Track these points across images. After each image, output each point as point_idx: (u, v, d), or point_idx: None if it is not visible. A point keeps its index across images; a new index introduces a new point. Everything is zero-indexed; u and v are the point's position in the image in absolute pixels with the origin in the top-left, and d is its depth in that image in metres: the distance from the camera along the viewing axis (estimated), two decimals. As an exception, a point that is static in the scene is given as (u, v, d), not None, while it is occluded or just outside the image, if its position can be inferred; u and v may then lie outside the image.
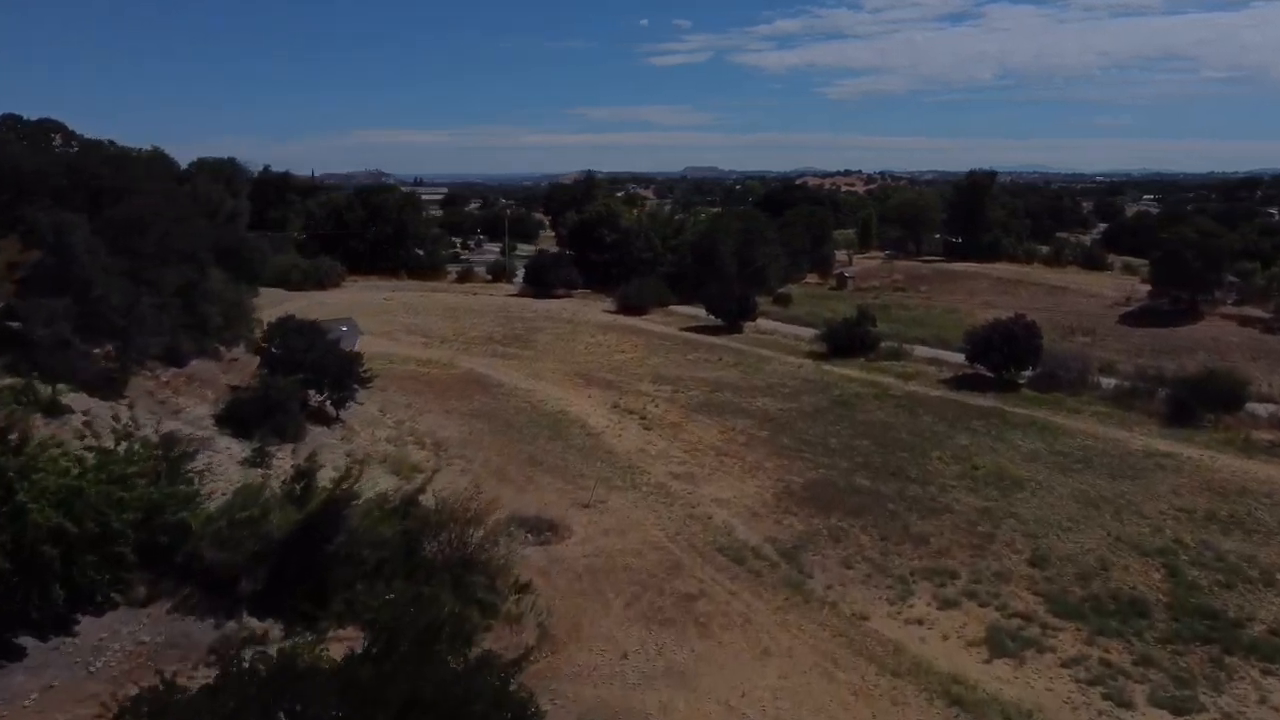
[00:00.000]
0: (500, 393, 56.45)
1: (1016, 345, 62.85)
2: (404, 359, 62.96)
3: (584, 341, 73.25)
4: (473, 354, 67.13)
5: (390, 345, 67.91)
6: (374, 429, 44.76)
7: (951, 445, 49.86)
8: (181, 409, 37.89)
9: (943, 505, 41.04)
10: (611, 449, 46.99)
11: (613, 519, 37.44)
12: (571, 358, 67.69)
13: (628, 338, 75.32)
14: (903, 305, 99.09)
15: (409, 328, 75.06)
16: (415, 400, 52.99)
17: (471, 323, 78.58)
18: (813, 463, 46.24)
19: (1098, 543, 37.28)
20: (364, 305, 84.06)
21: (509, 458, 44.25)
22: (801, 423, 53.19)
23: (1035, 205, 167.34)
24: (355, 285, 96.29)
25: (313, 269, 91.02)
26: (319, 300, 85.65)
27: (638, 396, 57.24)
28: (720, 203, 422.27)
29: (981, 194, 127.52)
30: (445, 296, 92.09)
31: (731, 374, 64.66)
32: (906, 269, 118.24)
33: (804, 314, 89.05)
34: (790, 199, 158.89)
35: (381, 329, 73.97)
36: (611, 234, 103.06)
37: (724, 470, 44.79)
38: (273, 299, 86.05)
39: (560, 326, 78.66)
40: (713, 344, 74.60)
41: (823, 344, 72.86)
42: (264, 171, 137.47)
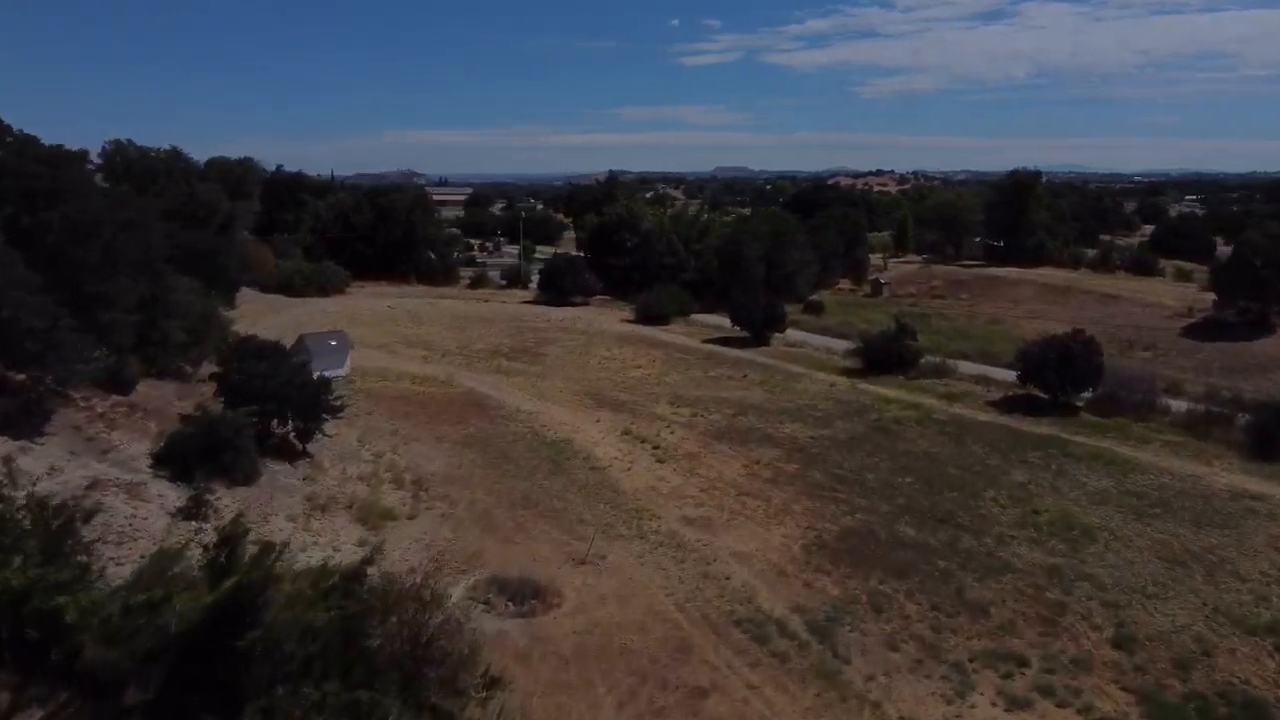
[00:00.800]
0: (500, 416, 50.98)
1: (1075, 365, 56.45)
2: (399, 376, 57.69)
3: (598, 356, 67.64)
4: (475, 370, 61.73)
5: (387, 360, 62.72)
6: (346, 464, 39.37)
7: (1007, 483, 43.72)
8: (114, 447, 32.72)
9: (1002, 562, 34.99)
10: (618, 486, 41.32)
11: (613, 580, 31.77)
12: (582, 375, 62.09)
13: (645, 351, 69.64)
14: (942, 314, 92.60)
15: (410, 339, 69.84)
16: (403, 425, 47.62)
17: (478, 334, 73.24)
18: (848, 505, 40.30)
19: (1192, 615, 31.11)
20: (366, 314, 79.13)
21: (499, 498, 38.71)
22: (835, 454, 47.24)
23: (1076, 206, 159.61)
24: (361, 291, 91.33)
25: (315, 274, 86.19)
26: (320, 308, 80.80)
27: (652, 421, 51.54)
28: (750, 203, 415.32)
29: (1025, 195, 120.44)
30: (454, 304, 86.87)
31: (757, 394, 58.76)
32: (945, 274, 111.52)
33: (836, 324, 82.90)
34: (822, 200, 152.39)
35: (380, 341, 68.86)
36: (632, 238, 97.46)
37: (746, 514, 38.97)
38: (272, 306, 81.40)
39: (573, 338, 73.11)
40: (737, 358, 68.72)
41: (858, 359, 66.79)
42: (276, 171, 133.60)
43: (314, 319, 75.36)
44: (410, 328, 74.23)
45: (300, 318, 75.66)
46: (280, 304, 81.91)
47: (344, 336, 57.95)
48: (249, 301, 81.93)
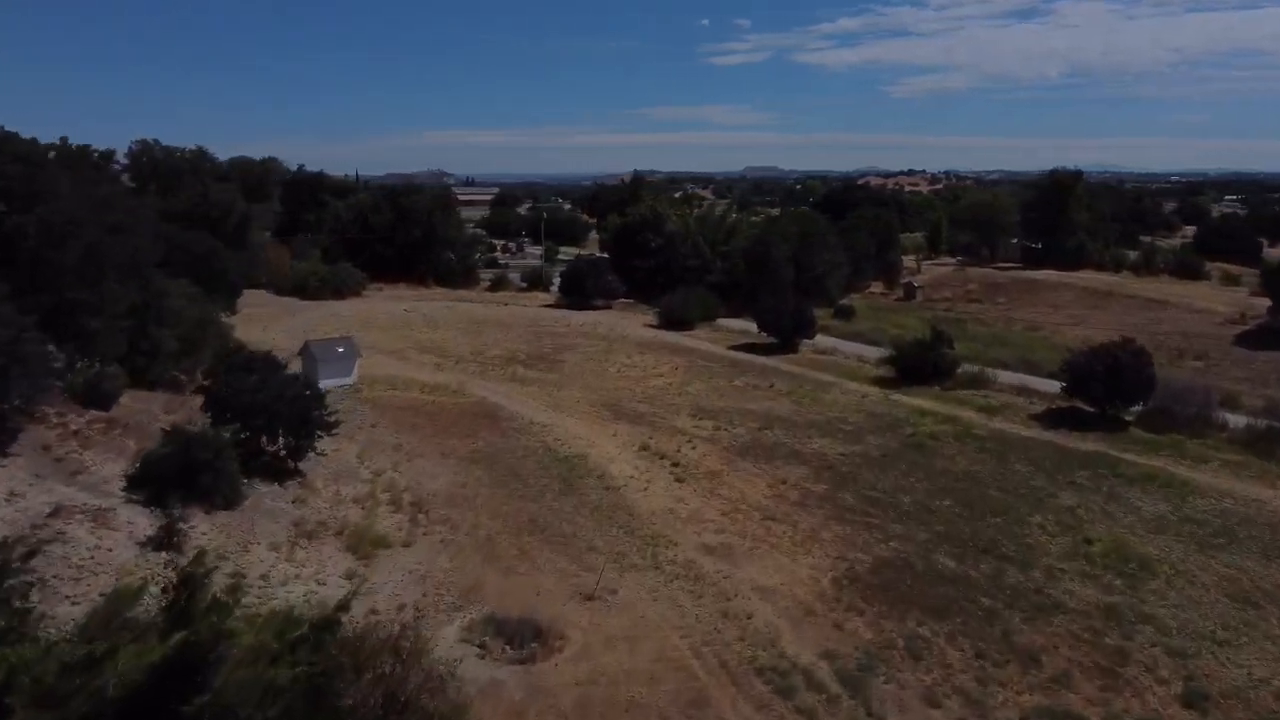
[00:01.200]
0: (512, 429, 48.28)
1: (1124, 376, 52.88)
2: (409, 384, 55.17)
3: (618, 363, 64.81)
4: (489, 378, 59.13)
5: (398, 366, 60.27)
6: (342, 484, 36.80)
7: (1054, 507, 40.41)
8: (85, 468, 30.33)
9: (1053, 600, 31.78)
10: (633, 508, 38.47)
11: (623, 619, 28.93)
12: (601, 383, 59.30)
13: (667, 358, 66.73)
14: (979, 320, 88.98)
15: (423, 345, 67.38)
16: (408, 439, 45.06)
17: (495, 339, 70.65)
18: (882, 532, 37.20)
19: (1270, 668, 27.79)
20: (381, 317, 76.86)
21: (504, 521, 36.00)
22: (867, 473, 44.11)
23: (1114, 207, 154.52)
24: (378, 294, 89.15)
25: (330, 276, 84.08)
26: (334, 311, 78.67)
27: (672, 435, 48.65)
28: (779, 203, 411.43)
29: (1064, 195, 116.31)
30: (472, 308, 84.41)
31: (784, 405, 55.68)
32: (981, 277, 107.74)
33: (868, 330, 79.59)
34: (853, 200, 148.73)
35: (392, 346, 66.47)
36: (656, 239, 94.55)
37: (770, 541, 35.99)
38: (285, 309, 79.36)
39: (593, 344, 70.33)
40: (764, 366, 65.64)
41: (890, 368, 63.51)
42: (298, 171, 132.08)
43: (326, 323, 73.18)
44: (425, 333, 71.80)
45: (313, 321, 73.48)
46: (294, 307, 79.85)
47: (351, 343, 55.53)
48: (262, 304, 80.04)
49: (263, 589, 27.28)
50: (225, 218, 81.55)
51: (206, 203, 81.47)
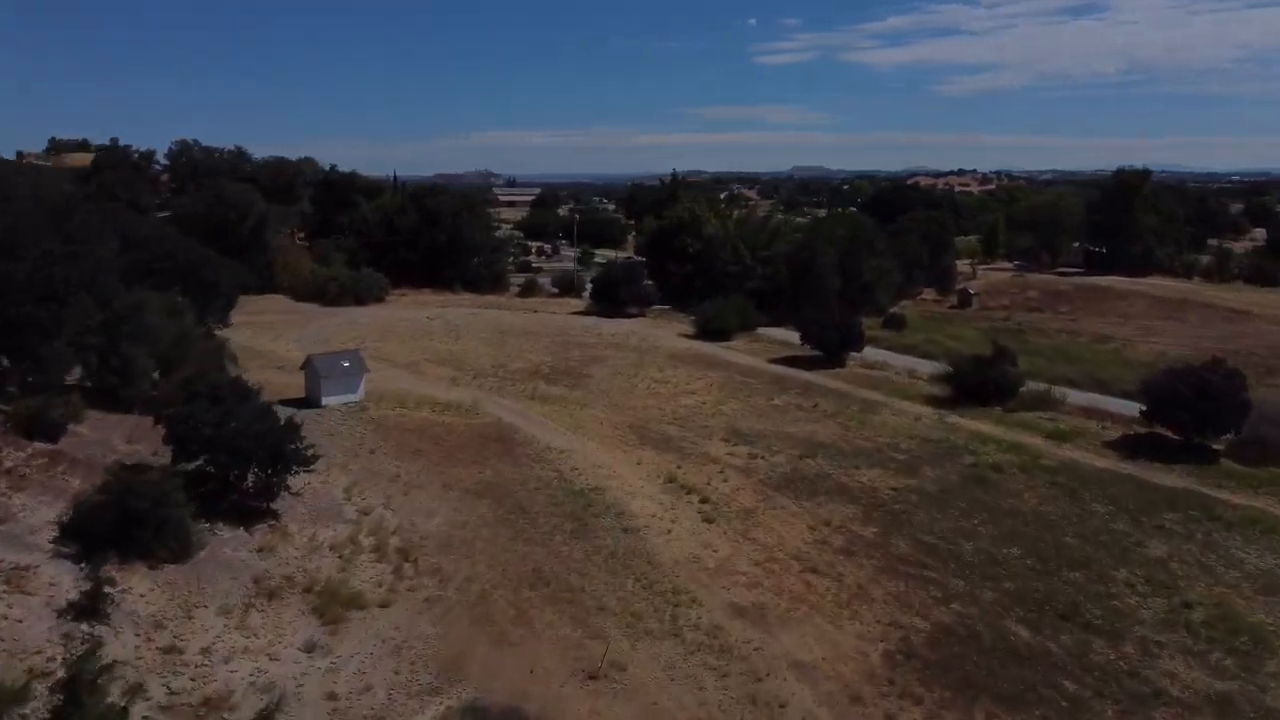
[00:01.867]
0: (526, 455, 43.73)
1: (1215, 401, 46.96)
2: (420, 402, 50.87)
3: (648, 378, 60.01)
4: (508, 394, 54.67)
5: (411, 381, 56.07)
6: (321, 526, 32.45)
7: (1142, 559, 34.93)
8: (11, 515, 26.27)
9: (1151, 686, 26.44)
10: (654, 555, 33.71)
11: (631, 708, 24.20)
12: (628, 402, 54.56)
13: (702, 373, 61.79)
14: (1041, 331, 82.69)
15: (441, 357, 63.14)
16: (409, 467, 40.68)
17: (518, 350, 66.23)
18: (941, 589, 32.03)
19: None
20: (401, 326, 72.85)
21: (504, 572, 31.43)
22: (923, 513, 38.88)
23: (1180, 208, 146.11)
24: (401, 301, 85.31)
25: (351, 282, 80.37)
26: (352, 319, 74.86)
27: (702, 464, 43.78)
28: (827, 203, 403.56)
29: (1131, 196, 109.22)
30: (499, 315, 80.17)
31: (829, 428, 50.52)
32: (1042, 284, 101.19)
33: (921, 342, 73.91)
34: (903, 201, 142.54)
35: (408, 358, 62.35)
36: (694, 243, 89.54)
37: (811, 600, 31.01)
38: (302, 316, 75.70)
39: (623, 356, 65.60)
40: (807, 382, 60.43)
41: (947, 386, 58.02)
42: (330, 171, 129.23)
43: (342, 332, 69.39)
44: (445, 343, 67.59)
45: (328, 330, 69.72)
46: (311, 314, 76.24)
47: (358, 357, 51.35)
48: (278, 311, 76.53)
49: (201, 667, 23.00)
50: (241, 220, 78.23)
51: (222, 204, 78.22)
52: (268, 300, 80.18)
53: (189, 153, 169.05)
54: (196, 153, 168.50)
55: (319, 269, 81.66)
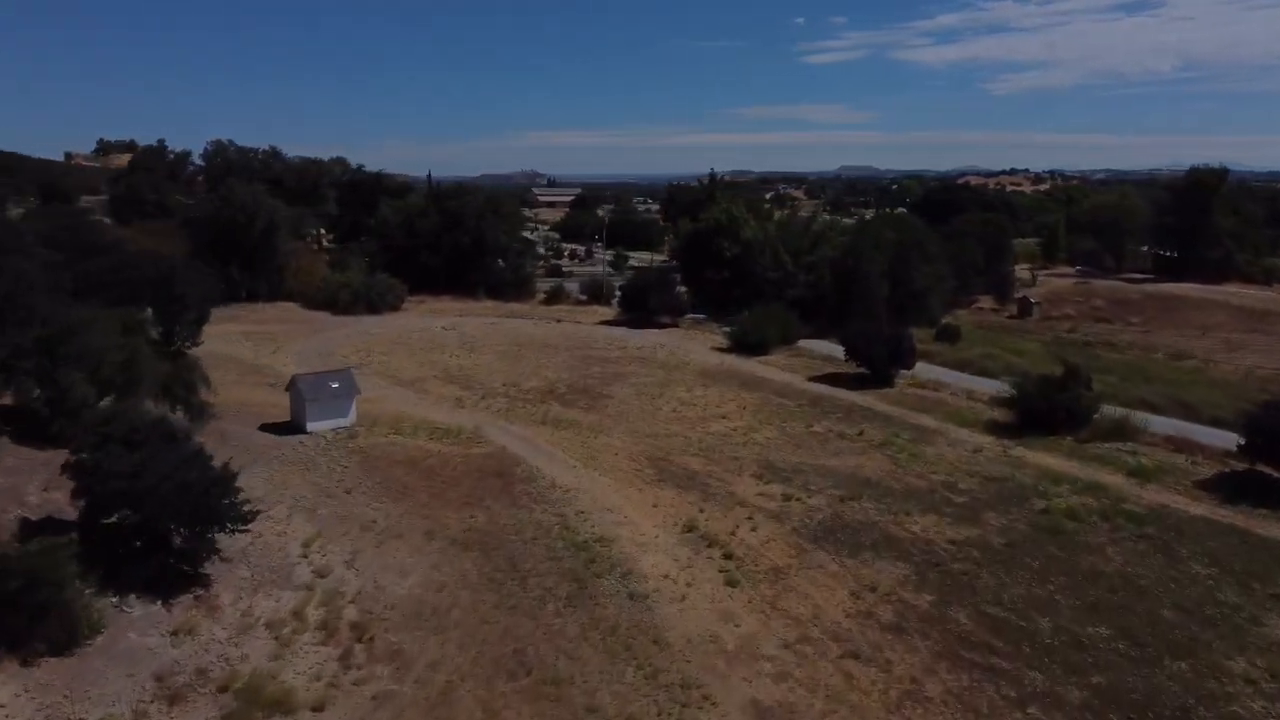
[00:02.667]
0: (526, 494, 38.32)
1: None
2: (418, 427, 45.75)
3: (674, 399, 54.33)
4: (517, 418, 49.32)
5: (412, 402, 51.04)
6: (262, 595, 27.21)
7: (1260, 641, 28.64)
8: None
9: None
10: (662, 632, 28.03)
11: None
12: (650, 427, 48.93)
13: (735, 393, 55.98)
14: (1110, 344, 75.64)
15: (450, 373, 58.01)
16: (391, 509, 35.47)
17: (535, 366, 60.93)
18: (1015, 685, 25.95)
19: None
20: (413, 338, 67.95)
21: (480, 656, 25.94)
22: (988, 574, 32.75)
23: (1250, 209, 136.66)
24: (418, 309, 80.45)
25: (364, 289, 75.59)
26: (363, 329, 70.10)
27: (729, 507, 38.01)
28: (874, 204, 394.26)
29: (1207, 196, 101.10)
30: (519, 325, 74.93)
31: (876, 462, 44.44)
32: (1109, 292, 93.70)
33: (978, 357, 67.27)
34: (956, 202, 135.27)
35: (414, 374, 57.32)
36: (731, 247, 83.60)
37: (852, 700, 25.11)
38: (309, 326, 71.09)
39: (649, 373, 59.98)
40: (851, 405, 54.34)
41: (1009, 410, 51.65)
42: (357, 171, 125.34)
43: (348, 344, 64.64)
44: (457, 357, 62.47)
45: (333, 342, 65.01)
46: (320, 324, 71.64)
47: (349, 377, 46.31)
48: (284, 320, 72.04)
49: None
50: (250, 223, 73.90)
51: (229, 207, 73.94)
52: (276, 308, 75.81)
53: (224, 153, 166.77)
54: (231, 153, 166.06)
55: (331, 275, 77.10)
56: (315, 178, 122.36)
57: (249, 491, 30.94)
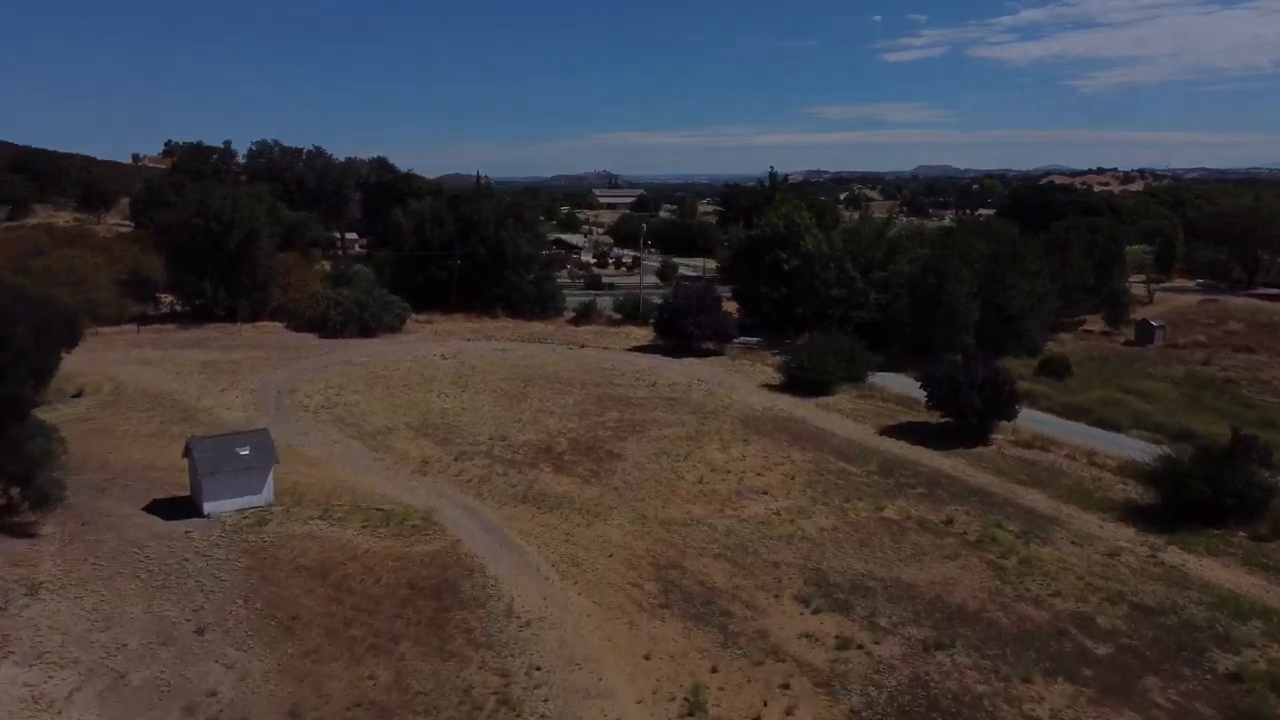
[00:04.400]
0: (465, 635, 26.71)
1: None
2: (354, 508, 34.53)
3: (704, 461, 42.24)
4: (491, 492, 37.78)
5: (364, 465, 39.94)
6: None
7: None
8: None
9: None
10: None
11: None
12: (665, 507, 36.93)
13: (784, 452, 43.68)
14: (1262, 382, 61.04)
15: (429, 421, 46.76)
16: (255, 664, 24.18)
17: (538, 409, 49.39)
18: None
19: None
20: (403, 369, 56.98)
21: None
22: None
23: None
24: (422, 330, 69.52)
25: (356, 309, 64.88)
26: (347, 357, 59.33)
27: (755, 661, 25.85)
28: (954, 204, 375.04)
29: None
30: (534, 353, 63.41)
31: (973, 574, 31.80)
32: (1245, 313, 78.38)
33: (1096, 404, 53.69)
34: (1050, 204, 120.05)
35: (384, 421, 46.22)
36: (790, 259, 71.03)
37: None
38: (285, 352, 60.49)
39: (677, 421, 47.97)
40: (936, 473, 41.66)
41: (1148, 488, 38.46)
42: (383, 170, 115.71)
43: (319, 379, 53.92)
44: (445, 397, 51.24)
45: (304, 375, 54.36)
46: (300, 350, 61.12)
47: (264, 442, 35.22)
48: (260, 345, 61.61)
49: None
50: (225, 233, 63.83)
51: (203, 215, 63.93)
52: (256, 330, 65.62)
53: (269, 152, 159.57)
54: (276, 153, 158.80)
55: (320, 292, 66.55)
56: (337, 178, 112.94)
57: (39, 639, 20.11)
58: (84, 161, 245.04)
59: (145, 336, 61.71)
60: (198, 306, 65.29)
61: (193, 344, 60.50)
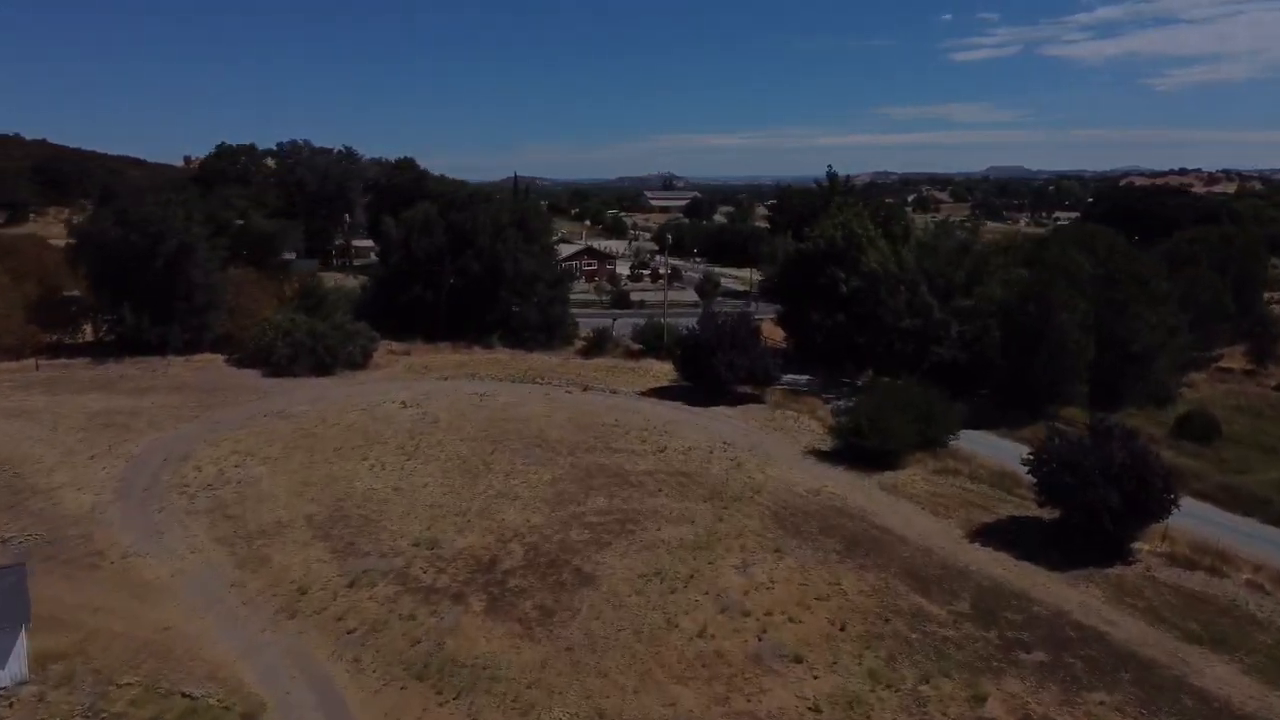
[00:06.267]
0: None
1: None
2: (151, 686, 22.48)
3: (713, 588, 28.90)
4: (373, 659, 24.94)
5: (211, 597, 27.53)
6: None
7: None
8: None
9: None
10: None
11: None
12: (641, 686, 23.74)
13: (832, 572, 30.15)
14: None
15: (342, 511, 34.09)
16: None
17: (500, 489, 36.50)
18: None
19: None
20: (343, 423, 44.62)
21: None
22: None
23: None
24: (394, 365, 57.03)
25: (309, 339, 52.68)
26: (281, 406, 47.09)
27: None
28: (1030, 206, 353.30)
29: None
30: (521, 399, 50.49)
31: None
32: None
33: (1269, 487, 38.90)
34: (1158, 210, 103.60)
35: (278, 513, 33.76)
36: (850, 279, 57.22)
37: None
38: (211, 397, 48.36)
39: (684, 515, 34.68)
40: (1057, 616, 27.84)
41: None
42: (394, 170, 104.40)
43: (229, 436, 41.75)
44: (379, 471, 38.55)
45: (213, 433, 42.26)
46: (229, 392, 49.05)
47: (13, 587, 22.87)
48: (179, 386, 49.58)
49: None
50: (153, 246, 52.28)
51: (125, 226, 52.36)
52: (186, 367, 53.79)
53: (297, 152, 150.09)
54: (305, 153, 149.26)
55: (270, 320, 54.37)
56: (339, 179, 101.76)
57: None
58: (117, 163, 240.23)
59: (42, 374, 50.41)
60: (121, 336, 53.82)
61: (96, 385, 48.91)
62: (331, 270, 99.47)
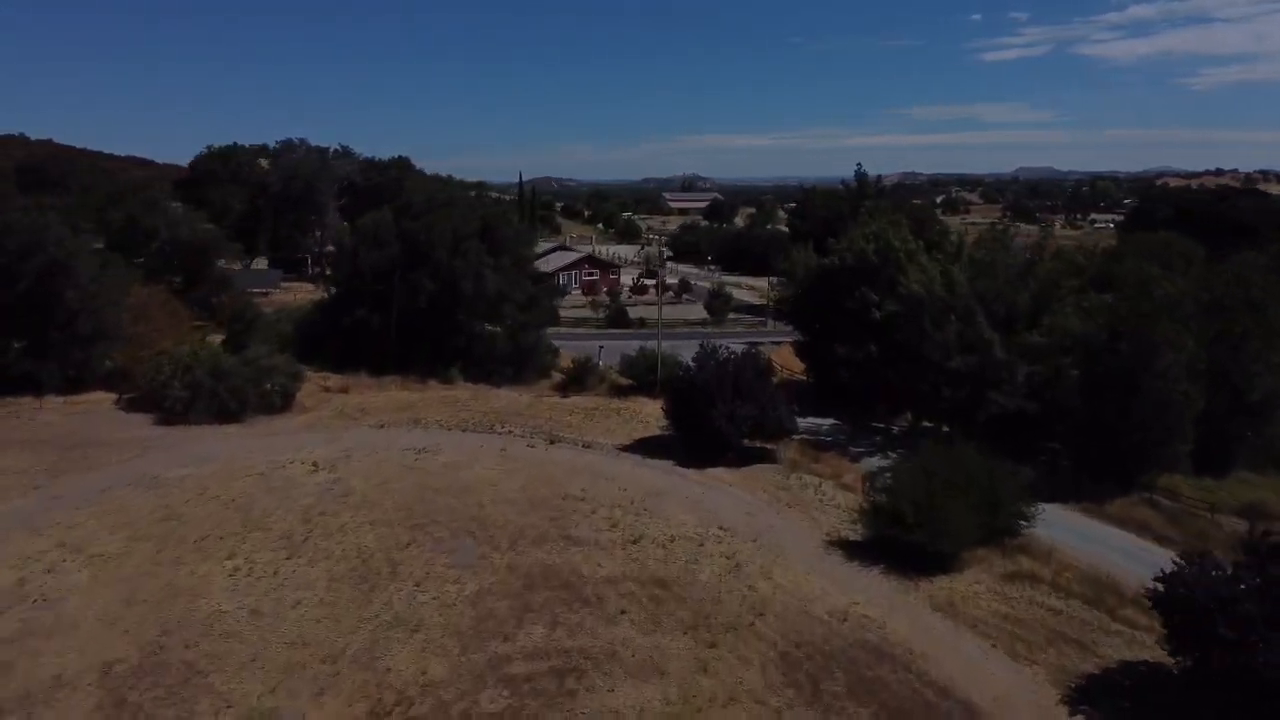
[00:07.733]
0: None
1: None
2: None
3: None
4: None
5: None
6: None
7: None
8: None
9: None
10: None
11: None
12: None
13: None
14: None
15: (156, 655, 23.73)
16: None
17: (392, 618, 26.05)
18: None
19: None
20: (234, 490, 34.33)
21: None
22: None
23: None
24: (327, 406, 46.77)
25: (210, 379, 42.38)
26: (159, 469, 36.82)
27: None
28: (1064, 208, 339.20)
29: None
30: (468, 454, 39.91)
31: None
32: None
33: None
34: (1229, 215, 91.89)
35: (58, 667, 23.35)
36: (885, 302, 46.49)
37: None
38: (66, 461, 37.85)
39: (655, 655, 24.18)
40: None
41: None
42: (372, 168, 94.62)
43: (63, 521, 31.50)
44: (239, 581, 28.12)
45: (28, 518, 31.92)
46: (98, 446, 38.75)
47: None
48: (37, 444, 39.31)
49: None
50: (18, 263, 42.42)
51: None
52: (58, 412, 43.55)
53: (293, 151, 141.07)
54: (300, 153, 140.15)
55: (167, 354, 44.15)
56: (307, 178, 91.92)
57: None
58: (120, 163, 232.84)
59: None
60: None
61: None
62: (304, 281, 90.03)
